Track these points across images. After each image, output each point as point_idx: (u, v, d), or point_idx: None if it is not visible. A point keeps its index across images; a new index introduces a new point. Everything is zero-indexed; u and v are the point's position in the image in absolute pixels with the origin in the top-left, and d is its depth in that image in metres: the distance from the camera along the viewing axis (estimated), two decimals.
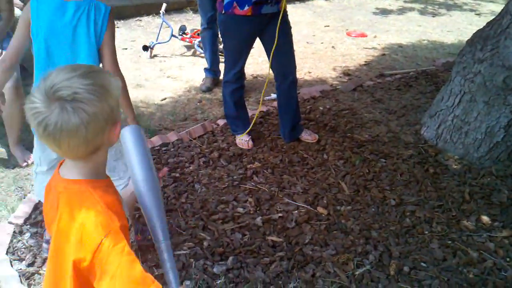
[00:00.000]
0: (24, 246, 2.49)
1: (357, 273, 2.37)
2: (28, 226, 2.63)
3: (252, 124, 3.52)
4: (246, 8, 3.01)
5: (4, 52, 2.35)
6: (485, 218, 2.80)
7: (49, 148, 1.14)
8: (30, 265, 2.37)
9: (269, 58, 3.32)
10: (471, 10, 9.10)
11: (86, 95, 1.07)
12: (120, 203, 1.24)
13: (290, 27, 3.26)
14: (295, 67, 3.40)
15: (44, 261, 2.38)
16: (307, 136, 3.60)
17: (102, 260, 1.11)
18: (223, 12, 3.10)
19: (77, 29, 2.06)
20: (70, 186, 1.20)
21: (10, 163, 3.29)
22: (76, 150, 1.12)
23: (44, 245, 2.41)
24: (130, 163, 1.42)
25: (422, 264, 2.45)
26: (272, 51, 3.19)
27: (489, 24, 3.34)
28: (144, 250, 2.41)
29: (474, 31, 3.48)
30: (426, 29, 7.50)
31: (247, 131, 3.51)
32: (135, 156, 1.42)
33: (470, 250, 2.55)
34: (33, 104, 1.07)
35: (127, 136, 1.42)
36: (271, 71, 3.38)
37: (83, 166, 1.20)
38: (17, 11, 3.86)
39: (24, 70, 3.85)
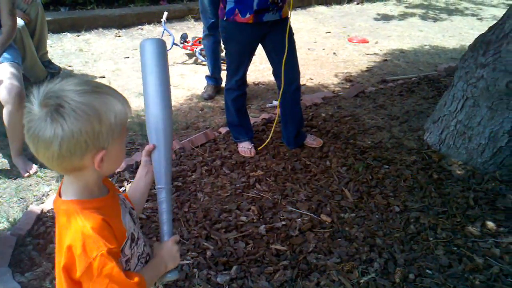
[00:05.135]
0: (26, 258, 2.47)
1: (362, 281, 2.35)
2: (31, 238, 2.61)
3: (270, 136, 3.58)
4: (248, 16, 3.01)
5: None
6: (490, 224, 2.77)
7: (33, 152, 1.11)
8: (33, 277, 2.34)
9: (272, 65, 3.32)
10: (473, 15, 9.11)
11: (69, 111, 1.02)
12: (110, 227, 1.15)
13: (292, 34, 3.26)
14: (299, 73, 3.39)
15: (46, 273, 2.37)
16: (312, 141, 3.59)
17: (91, 279, 1.09)
18: (225, 18, 3.10)
19: None
20: (61, 206, 1.16)
21: (12, 173, 3.27)
22: (50, 163, 1.09)
23: None
24: (148, 89, 1.31)
25: (428, 271, 2.42)
26: (284, 60, 3.18)
27: (491, 28, 3.33)
28: None
29: (476, 36, 3.47)
30: (427, 34, 7.50)
31: (266, 142, 3.51)
32: (154, 81, 1.29)
33: (476, 256, 2.53)
34: (28, 104, 1.06)
35: (148, 51, 1.28)
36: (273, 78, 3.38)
37: (74, 182, 1.16)
38: (19, 21, 3.87)
39: (26, 80, 3.85)
